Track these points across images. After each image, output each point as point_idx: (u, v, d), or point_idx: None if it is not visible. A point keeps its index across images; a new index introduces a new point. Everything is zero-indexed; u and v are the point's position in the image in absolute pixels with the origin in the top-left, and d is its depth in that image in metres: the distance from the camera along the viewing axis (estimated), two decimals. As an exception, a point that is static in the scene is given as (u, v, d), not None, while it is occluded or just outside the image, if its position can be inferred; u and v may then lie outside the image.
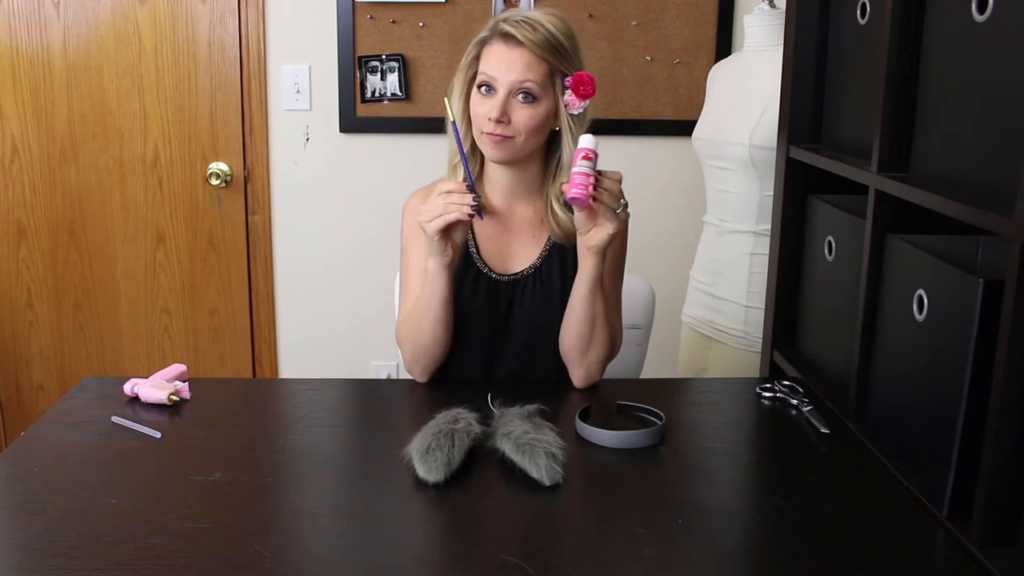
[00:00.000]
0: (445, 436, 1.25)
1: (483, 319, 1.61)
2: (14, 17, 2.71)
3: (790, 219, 1.75)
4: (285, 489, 1.24)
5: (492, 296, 1.61)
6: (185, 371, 1.56)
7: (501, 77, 1.50)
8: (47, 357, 2.94)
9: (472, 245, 1.63)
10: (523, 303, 1.61)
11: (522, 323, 1.61)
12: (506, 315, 1.62)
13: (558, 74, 1.53)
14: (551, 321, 1.59)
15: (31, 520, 1.13)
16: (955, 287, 1.13)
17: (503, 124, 1.50)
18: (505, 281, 1.62)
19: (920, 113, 1.30)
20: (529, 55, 1.50)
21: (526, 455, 1.24)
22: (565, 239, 1.59)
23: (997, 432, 1.03)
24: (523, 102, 1.50)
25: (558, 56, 1.51)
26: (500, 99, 1.50)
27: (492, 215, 1.63)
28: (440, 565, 1.08)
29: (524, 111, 1.51)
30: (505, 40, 1.51)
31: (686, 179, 2.68)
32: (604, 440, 1.35)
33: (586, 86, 1.52)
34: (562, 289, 1.60)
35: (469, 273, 1.62)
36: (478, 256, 1.63)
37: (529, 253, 1.63)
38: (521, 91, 1.50)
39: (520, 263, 1.63)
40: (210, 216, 2.84)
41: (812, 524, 1.15)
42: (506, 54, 1.51)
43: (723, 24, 2.70)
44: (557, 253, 1.62)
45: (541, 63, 1.50)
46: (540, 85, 1.50)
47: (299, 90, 2.75)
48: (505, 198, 1.63)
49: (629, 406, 1.46)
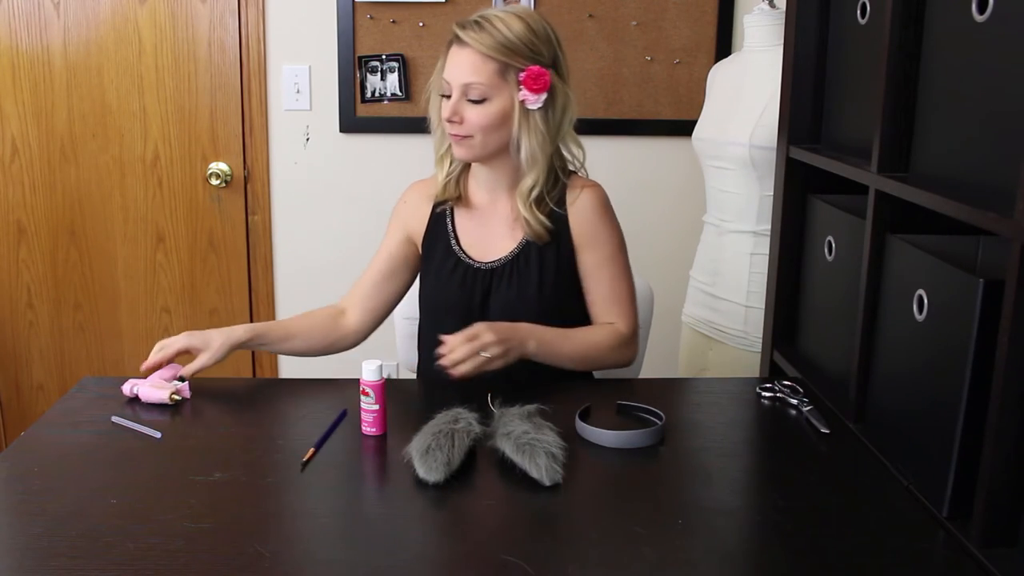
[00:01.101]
0: (445, 436, 1.25)
1: (460, 306, 1.65)
2: (14, 17, 2.71)
3: (790, 219, 1.75)
4: (285, 489, 1.24)
5: (468, 282, 1.66)
6: (179, 370, 1.56)
7: (453, 80, 1.56)
8: (47, 357, 2.94)
9: (452, 235, 1.69)
10: (499, 291, 1.65)
11: (498, 311, 1.64)
12: (482, 303, 1.66)
13: (512, 70, 1.55)
14: (526, 309, 1.62)
15: (31, 520, 1.13)
16: (955, 287, 1.13)
17: (457, 124, 1.56)
18: (483, 269, 1.66)
19: (920, 113, 1.30)
20: (475, 55, 1.54)
21: (526, 455, 1.24)
22: (536, 238, 1.63)
23: (997, 432, 1.03)
24: (473, 102, 1.56)
25: (509, 53, 1.54)
26: (453, 101, 1.56)
27: (471, 208, 1.70)
28: (440, 565, 1.08)
29: (474, 111, 1.56)
30: (457, 42, 1.57)
31: (686, 179, 2.68)
32: (604, 440, 1.35)
33: (537, 81, 1.54)
34: (539, 280, 1.63)
35: (448, 261, 1.68)
36: (457, 245, 1.68)
37: (507, 243, 1.67)
38: (469, 92, 1.55)
39: (498, 252, 1.67)
40: (210, 216, 2.84)
41: (812, 524, 1.15)
42: (455, 56, 1.57)
43: (723, 24, 2.70)
44: (534, 244, 1.65)
45: (488, 62, 1.54)
46: (488, 84, 1.54)
47: (299, 90, 2.75)
48: (487, 191, 1.69)
49: (629, 406, 1.46)
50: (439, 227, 1.71)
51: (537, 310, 1.62)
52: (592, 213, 1.64)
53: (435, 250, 1.71)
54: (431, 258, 1.71)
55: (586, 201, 1.64)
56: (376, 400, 1.36)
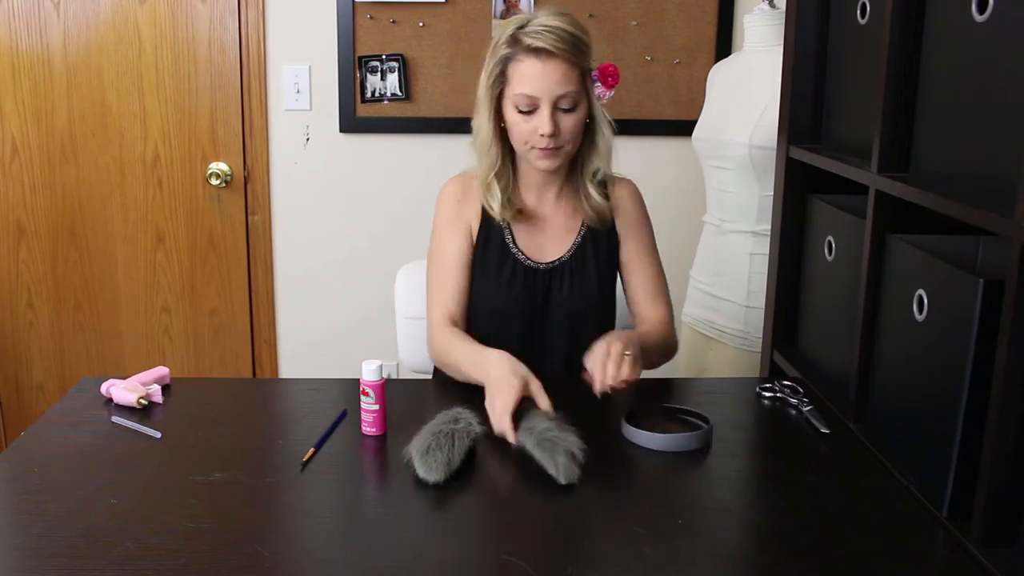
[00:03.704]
0: (445, 436, 1.25)
1: (521, 307, 1.65)
2: (14, 17, 2.71)
3: (790, 219, 1.75)
4: (285, 489, 1.24)
5: (529, 284, 1.65)
6: (167, 374, 1.56)
7: (543, 94, 1.53)
8: (47, 357, 2.94)
9: (508, 237, 1.67)
10: (560, 290, 1.65)
11: (559, 309, 1.65)
12: (543, 302, 1.66)
13: (587, 72, 1.57)
14: (588, 306, 1.65)
15: (31, 520, 1.13)
16: (955, 287, 1.13)
17: (555, 137, 1.54)
18: (542, 269, 1.66)
19: (920, 113, 1.30)
20: (564, 64, 1.53)
21: (546, 451, 1.24)
22: (599, 222, 1.66)
23: (997, 432, 1.03)
24: (566, 111, 1.55)
25: (585, 56, 1.56)
26: (548, 114, 1.53)
27: (524, 215, 1.67)
28: (440, 565, 1.08)
29: (569, 119, 1.56)
30: (536, 54, 1.52)
31: (686, 179, 2.68)
32: (652, 443, 1.34)
33: (613, 76, 1.57)
34: (597, 275, 1.66)
35: (507, 263, 1.66)
36: (515, 247, 1.67)
37: (563, 242, 1.68)
38: (562, 102, 1.54)
39: (555, 252, 1.67)
40: (210, 216, 2.84)
41: (812, 524, 1.15)
42: (541, 69, 1.52)
43: (723, 24, 2.70)
44: (590, 240, 1.67)
45: (574, 69, 1.54)
46: (578, 91, 1.55)
47: (299, 90, 2.75)
48: (538, 193, 1.69)
49: (673, 408, 1.46)
50: (493, 229, 1.67)
51: (597, 306, 1.66)
52: (631, 203, 1.71)
53: (490, 252, 1.66)
54: (486, 263, 1.66)
55: (625, 190, 1.71)
56: (376, 400, 1.36)
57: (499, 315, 1.65)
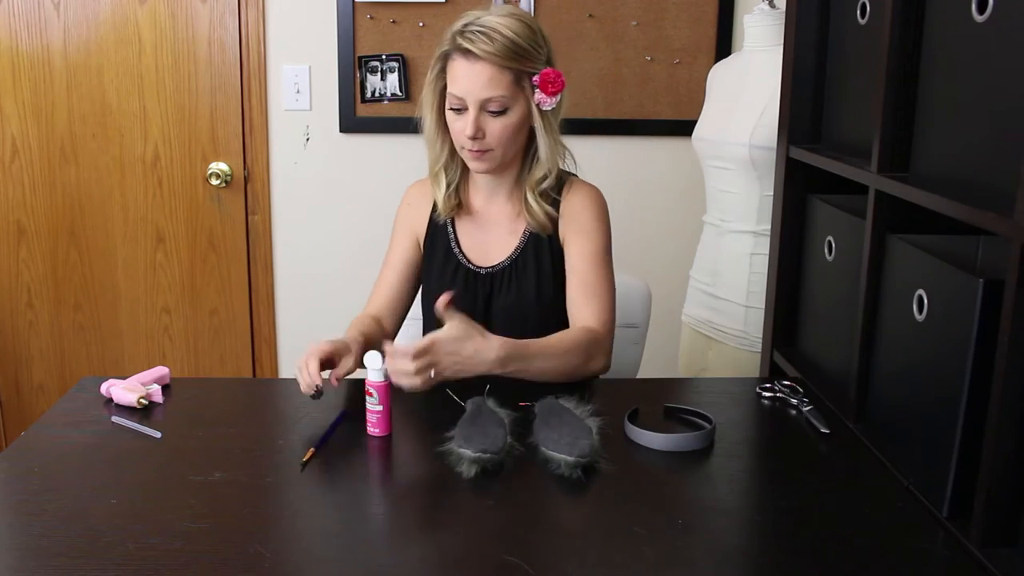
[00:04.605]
0: (487, 415, 1.30)
1: (462, 310, 1.61)
2: (14, 17, 2.71)
3: (790, 219, 1.75)
4: (285, 489, 1.24)
5: (471, 287, 1.66)
6: (167, 373, 1.56)
7: (468, 96, 1.52)
8: (47, 357, 2.94)
9: (453, 240, 1.68)
10: (500, 294, 1.65)
11: (500, 313, 1.65)
12: (485, 306, 1.66)
13: (525, 76, 1.54)
14: (528, 311, 1.63)
15: (31, 520, 1.13)
16: (955, 287, 1.13)
17: (479, 139, 1.54)
18: (483, 273, 1.66)
19: (920, 113, 1.30)
20: (491, 68, 1.50)
21: (553, 431, 1.27)
22: (541, 229, 1.64)
23: (997, 432, 1.03)
24: (494, 115, 1.53)
25: (521, 60, 1.52)
26: (472, 117, 1.52)
27: (471, 214, 1.69)
28: (440, 565, 1.08)
29: (496, 123, 1.53)
30: (465, 55, 1.51)
31: (686, 179, 2.68)
32: (655, 443, 1.34)
33: (554, 84, 1.54)
34: (537, 281, 1.64)
35: (449, 265, 1.67)
36: (458, 250, 1.68)
37: (507, 246, 1.67)
38: (489, 105, 1.52)
39: (498, 256, 1.67)
40: (210, 216, 2.84)
41: (812, 524, 1.15)
42: (469, 71, 1.51)
43: (723, 24, 2.70)
44: (533, 244, 1.65)
45: (504, 72, 1.51)
46: (508, 95, 1.52)
47: (299, 90, 2.75)
48: (486, 196, 1.69)
49: (676, 408, 1.46)
50: (439, 231, 1.71)
51: (538, 312, 1.63)
52: (582, 207, 1.65)
53: (436, 254, 1.70)
54: (432, 262, 1.71)
55: (579, 196, 1.66)
56: (380, 401, 1.36)
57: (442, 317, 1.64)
